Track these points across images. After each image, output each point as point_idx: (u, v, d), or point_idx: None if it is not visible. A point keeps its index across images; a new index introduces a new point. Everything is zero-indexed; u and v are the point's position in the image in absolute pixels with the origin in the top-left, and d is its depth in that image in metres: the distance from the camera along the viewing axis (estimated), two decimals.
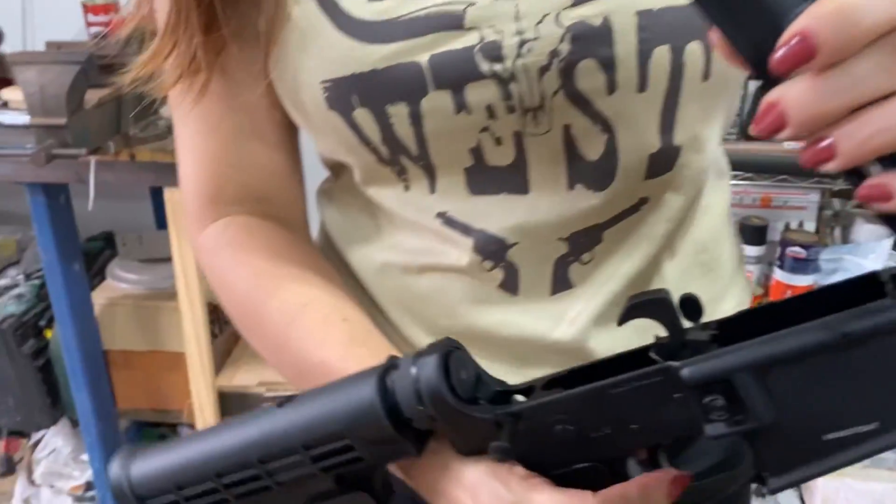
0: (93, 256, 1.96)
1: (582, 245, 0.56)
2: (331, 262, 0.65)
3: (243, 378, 1.77)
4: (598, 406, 0.39)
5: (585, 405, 0.39)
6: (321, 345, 0.53)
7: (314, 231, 0.68)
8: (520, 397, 0.43)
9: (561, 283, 0.57)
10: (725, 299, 0.64)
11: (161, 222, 1.92)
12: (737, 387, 0.36)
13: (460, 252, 0.57)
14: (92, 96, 1.41)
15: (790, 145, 1.54)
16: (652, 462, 0.40)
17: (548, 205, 0.54)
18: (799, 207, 1.72)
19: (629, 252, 0.57)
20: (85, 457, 1.88)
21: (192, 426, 1.80)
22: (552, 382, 0.43)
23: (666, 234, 0.58)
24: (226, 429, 0.45)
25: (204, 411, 1.70)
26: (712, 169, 0.61)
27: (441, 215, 0.56)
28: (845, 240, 1.75)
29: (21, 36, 1.91)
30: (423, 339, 0.62)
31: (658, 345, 0.39)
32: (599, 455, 0.40)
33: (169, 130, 1.54)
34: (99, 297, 1.82)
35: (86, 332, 1.74)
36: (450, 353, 0.42)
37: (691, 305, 0.39)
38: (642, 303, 0.38)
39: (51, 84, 1.32)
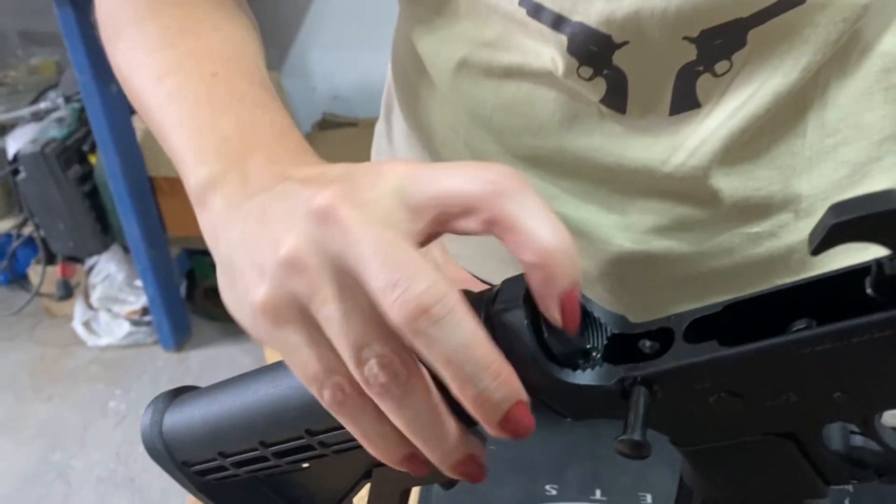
0: None
1: (716, 49, 0.43)
2: (404, 65, 0.54)
3: None
4: (781, 370, 0.26)
5: (760, 369, 0.26)
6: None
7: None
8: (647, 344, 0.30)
9: (684, 99, 0.45)
10: None
11: None
12: None
13: (552, 53, 0.44)
14: None
15: None
16: (865, 427, 0.28)
17: None
18: None
19: (781, 62, 0.43)
20: (139, 282, 1.89)
21: None
22: (697, 325, 0.29)
23: (839, 39, 0.43)
24: (263, 386, 0.36)
25: None
26: None
27: (525, 1, 0.43)
28: None
29: None
30: (501, 161, 0.51)
31: (880, 274, 0.25)
32: (778, 427, 0.28)
33: None
34: (141, 122, 1.74)
35: (129, 158, 1.68)
36: None
37: None
38: (854, 221, 0.23)
39: None
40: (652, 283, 0.52)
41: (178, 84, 0.37)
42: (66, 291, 2.01)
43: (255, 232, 0.29)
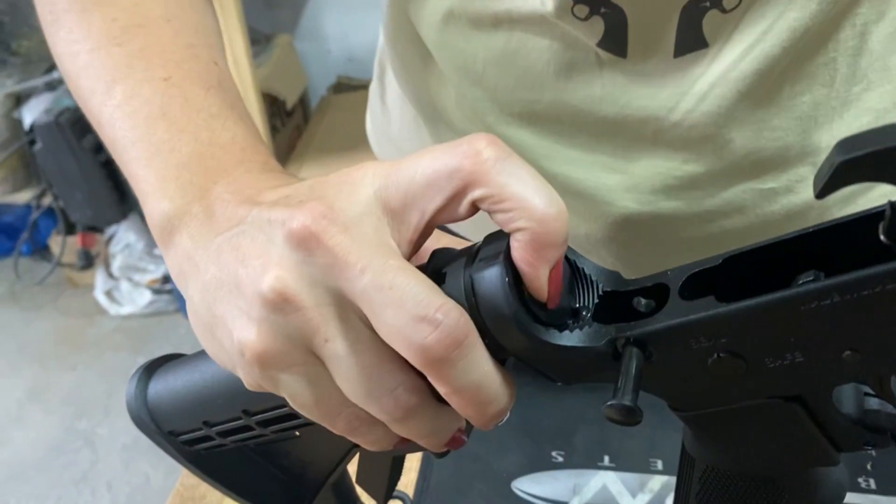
0: None
1: None
2: (394, 24, 0.51)
3: (308, 173, 1.70)
4: (786, 327, 0.24)
5: (762, 327, 0.24)
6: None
7: None
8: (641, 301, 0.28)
9: (690, 39, 0.42)
10: None
11: None
12: None
13: None
14: None
15: None
16: (880, 388, 0.26)
17: None
18: None
19: None
20: (158, 251, 1.89)
21: None
22: (695, 280, 0.26)
23: None
24: None
25: None
26: None
27: None
28: None
29: None
30: (495, 122, 0.49)
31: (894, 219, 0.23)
32: (784, 390, 0.26)
33: None
34: None
35: None
36: None
37: None
38: (864, 157, 0.20)
39: None
40: (660, 246, 0.50)
41: (129, 93, 0.34)
42: (87, 261, 2.02)
43: (232, 272, 0.26)
